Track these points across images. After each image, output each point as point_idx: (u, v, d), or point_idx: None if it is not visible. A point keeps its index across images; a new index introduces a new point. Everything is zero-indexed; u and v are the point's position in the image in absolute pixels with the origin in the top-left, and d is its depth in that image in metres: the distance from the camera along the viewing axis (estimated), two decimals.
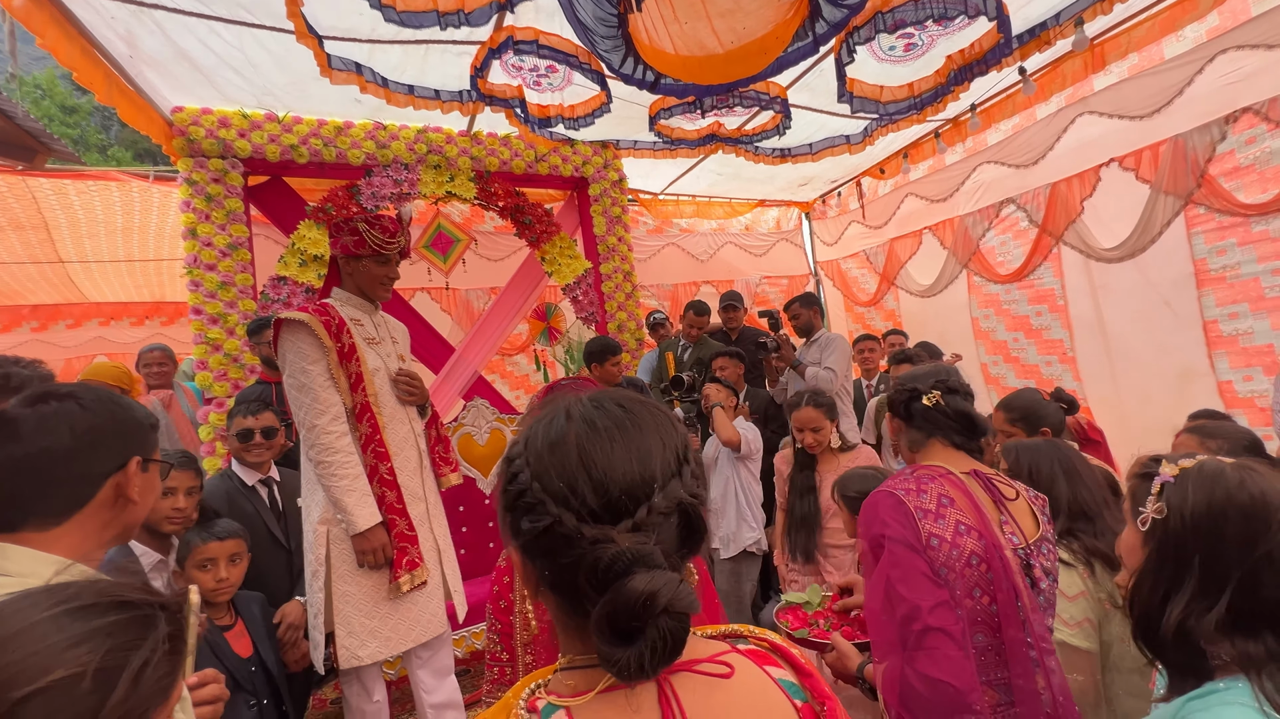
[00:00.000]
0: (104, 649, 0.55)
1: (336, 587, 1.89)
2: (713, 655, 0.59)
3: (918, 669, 1.05)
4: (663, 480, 0.55)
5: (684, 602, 0.50)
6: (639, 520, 0.52)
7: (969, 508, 1.21)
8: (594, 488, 0.53)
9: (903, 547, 1.13)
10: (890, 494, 1.21)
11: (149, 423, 1.02)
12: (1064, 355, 4.36)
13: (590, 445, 0.55)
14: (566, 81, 3.42)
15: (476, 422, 3.49)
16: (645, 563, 0.51)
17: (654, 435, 0.57)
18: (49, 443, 0.90)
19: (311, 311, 1.97)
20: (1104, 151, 3.86)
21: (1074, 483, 1.69)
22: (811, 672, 0.62)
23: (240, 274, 3.46)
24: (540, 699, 0.56)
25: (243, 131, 3.50)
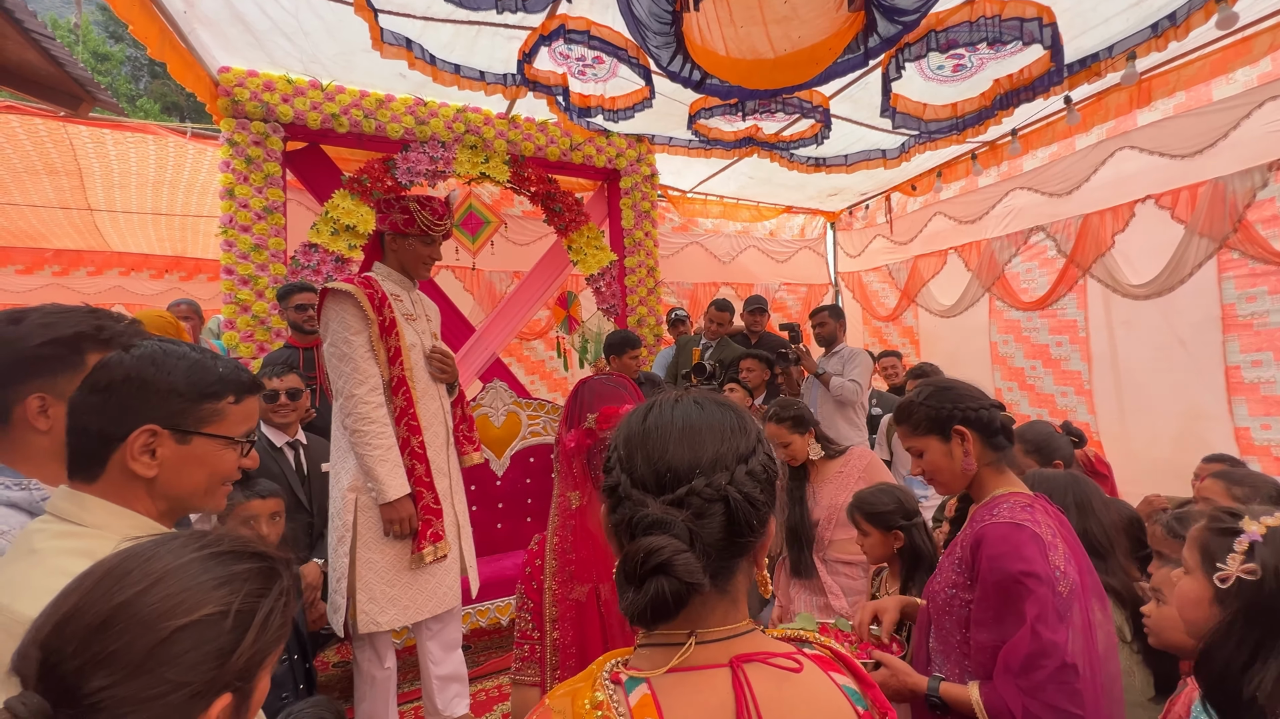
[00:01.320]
0: (243, 592, 0.60)
1: (361, 553, 1.93)
2: (786, 653, 0.62)
3: (1046, 701, 1.09)
4: (710, 469, 0.60)
5: (683, 568, 0.56)
6: (677, 497, 0.59)
7: (1066, 536, 1.22)
8: (647, 460, 0.62)
9: (1045, 586, 1.12)
10: (1025, 528, 1.18)
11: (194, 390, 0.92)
12: (1080, 387, 4.37)
13: (657, 426, 0.64)
14: (612, 73, 3.43)
15: (494, 403, 3.52)
16: (661, 528, 0.57)
17: (716, 430, 0.64)
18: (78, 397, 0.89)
19: (357, 283, 2.00)
20: (1141, 188, 3.85)
21: (1085, 517, 1.72)
22: (873, 683, 0.66)
23: (273, 238, 3.49)
24: (622, 673, 0.61)
25: (286, 96, 3.52)
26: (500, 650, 3.05)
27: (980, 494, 1.34)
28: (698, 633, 0.60)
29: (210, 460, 0.95)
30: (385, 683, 2.08)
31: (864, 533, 1.92)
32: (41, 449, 1.03)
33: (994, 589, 1.17)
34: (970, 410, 1.32)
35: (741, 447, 0.63)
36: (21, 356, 1.00)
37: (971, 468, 1.31)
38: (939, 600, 1.31)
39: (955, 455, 1.32)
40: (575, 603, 1.07)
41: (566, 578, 1.10)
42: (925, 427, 1.35)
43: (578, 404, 1.18)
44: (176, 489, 0.93)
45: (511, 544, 3.44)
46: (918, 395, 1.38)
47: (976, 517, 1.30)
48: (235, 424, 0.97)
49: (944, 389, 1.37)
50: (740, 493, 0.60)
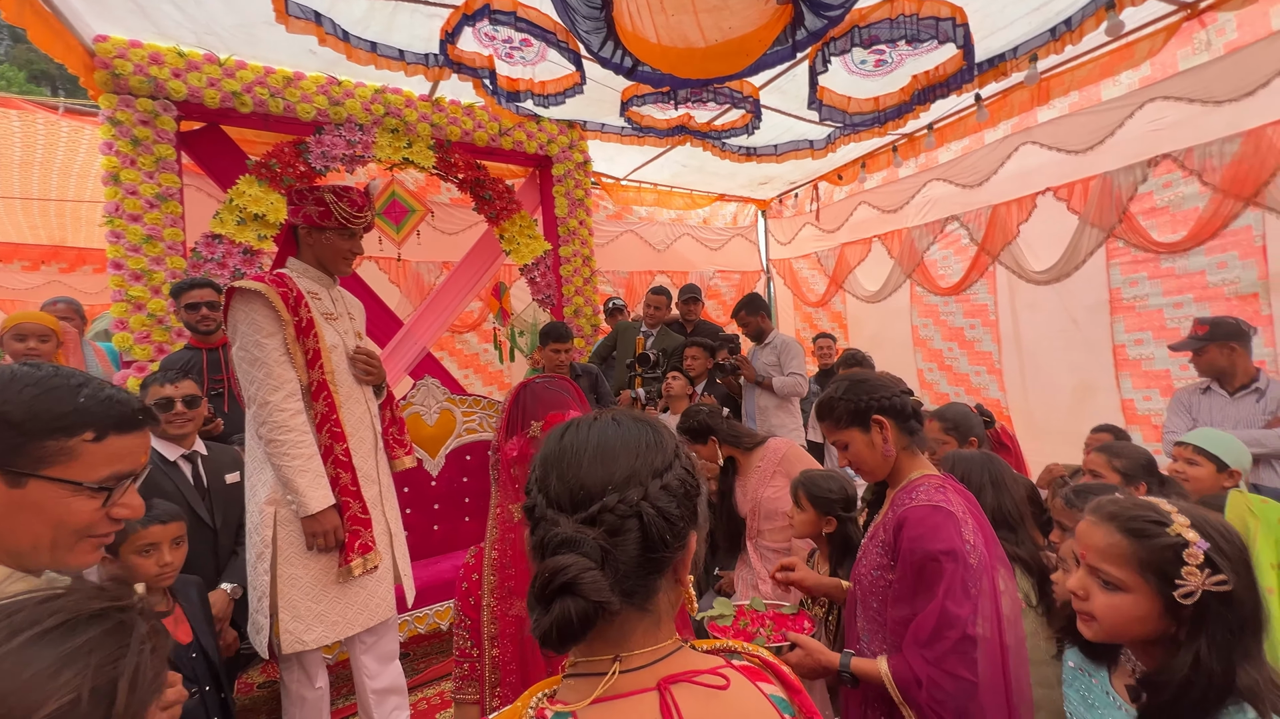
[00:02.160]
0: (91, 667, 0.52)
1: (282, 569, 1.81)
2: (711, 669, 0.62)
3: (948, 669, 1.17)
4: (623, 485, 0.60)
5: (589, 587, 0.55)
6: (590, 515, 0.58)
7: (974, 511, 1.30)
8: (561, 480, 0.61)
9: (958, 563, 1.19)
10: (941, 509, 1.25)
11: (33, 422, 0.77)
12: (992, 367, 4.70)
13: (572, 445, 0.63)
14: (540, 57, 3.32)
15: (426, 401, 3.39)
16: (571, 547, 0.57)
17: (631, 446, 0.63)
18: None
19: (268, 282, 1.85)
20: (1042, 180, 4.15)
21: (1000, 493, 1.88)
22: (800, 689, 0.66)
23: (169, 228, 3.18)
24: (548, 710, 0.59)
25: (178, 71, 3.19)
26: (442, 656, 2.96)
27: (897, 478, 1.41)
28: (622, 658, 0.59)
29: (52, 510, 0.78)
30: (317, 703, 1.97)
31: (800, 507, 2.00)
32: None
33: (913, 568, 1.24)
34: (885, 399, 1.39)
35: (657, 462, 0.63)
36: None
37: (892, 454, 1.39)
38: (865, 583, 1.38)
39: (876, 444, 1.39)
40: (516, 619, 1.04)
41: (506, 593, 1.06)
42: (846, 420, 1.41)
43: (518, 410, 1.14)
44: (11, 543, 0.78)
45: (449, 546, 3.34)
46: (836, 392, 1.44)
47: (897, 500, 1.36)
48: (92, 467, 0.80)
49: (859, 382, 1.43)
50: (654, 508, 0.59)
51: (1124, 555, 0.96)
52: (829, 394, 1.46)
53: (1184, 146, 3.35)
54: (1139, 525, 0.96)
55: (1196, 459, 1.98)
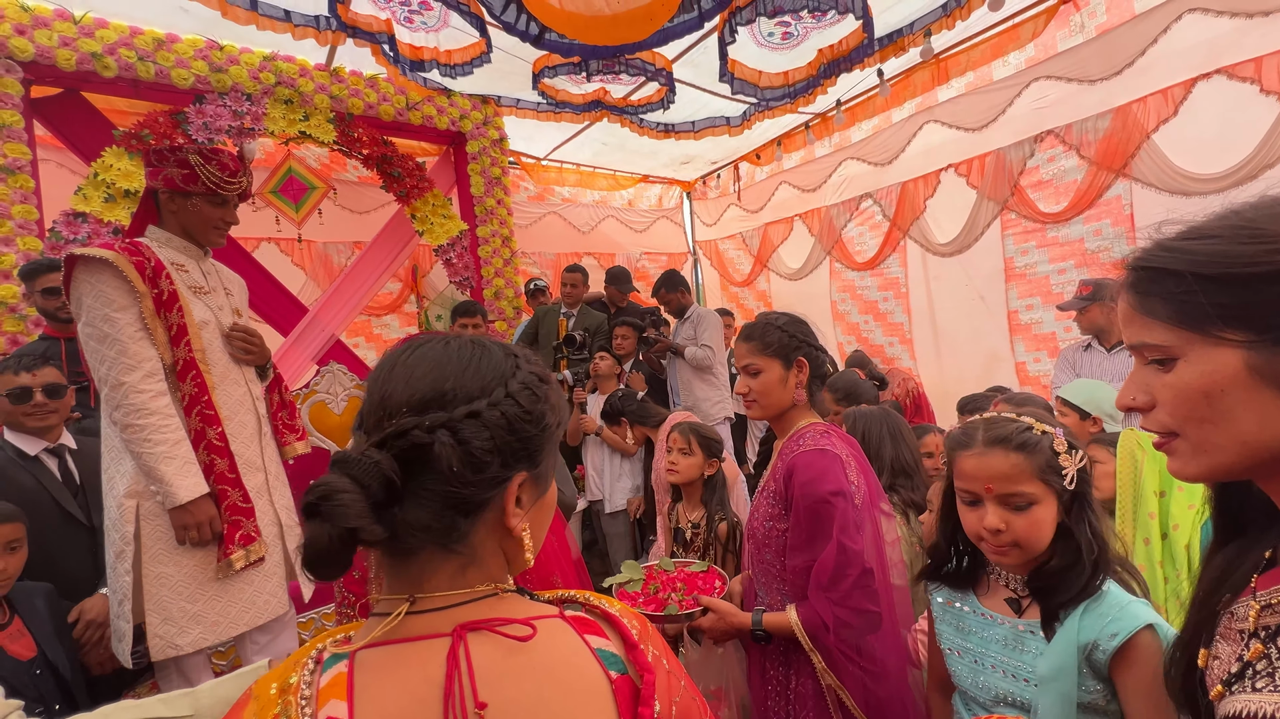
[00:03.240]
0: None
1: (149, 568, 1.64)
2: (525, 618, 0.57)
3: (853, 606, 1.20)
4: (422, 407, 0.54)
5: (341, 511, 0.49)
6: (379, 438, 0.53)
7: (856, 455, 1.34)
8: (369, 395, 0.58)
9: (847, 501, 1.22)
10: (828, 452, 1.28)
11: None
12: (904, 337, 4.92)
13: (389, 360, 0.59)
14: (443, 22, 3.16)
15: (332, 388, 3.19)
16: (344, 467, 0.51)
17: (448, 367, 0.57)
18: None
19: (118, 250, 1.66)
20: (944, 157, 4.35)
21: (898, 445, 2.00)
22: (636, 644, 0.60)
23: (19, 205, 2.83)
24: (329, 650, 0.54)
25: (22, 28, 2.83)
26: None
27: (786, 427, 1.43)
28: (417, 599, 0.54)
29: None
30: None
31: (689, 452, 2.10)
32: None
33: (806, 513, 1.26)
34: (813, 348, 1.42)
35: (472, 386, 0.56)
36: None
37: (801, 398, 1.40)
38: (759, 535, 1.39)
39: (789, 384, 1.39)
40: None
41: None
42: (775, 349, 1.39)
43: None
44: None
45: None
46: (775, 319, 1.43)
47: (785, 449, 1.37)
48: None
49: (799, 321, 1.45)
50: (454, 438, 0.53)
51: (1026, 471, 0.99)
52: (766, 319, 1.45)
53: (1064, 123, 3.59)
54: (1023, 438, 1.01)
55: (1065, 410, 2.13)
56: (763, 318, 1.46)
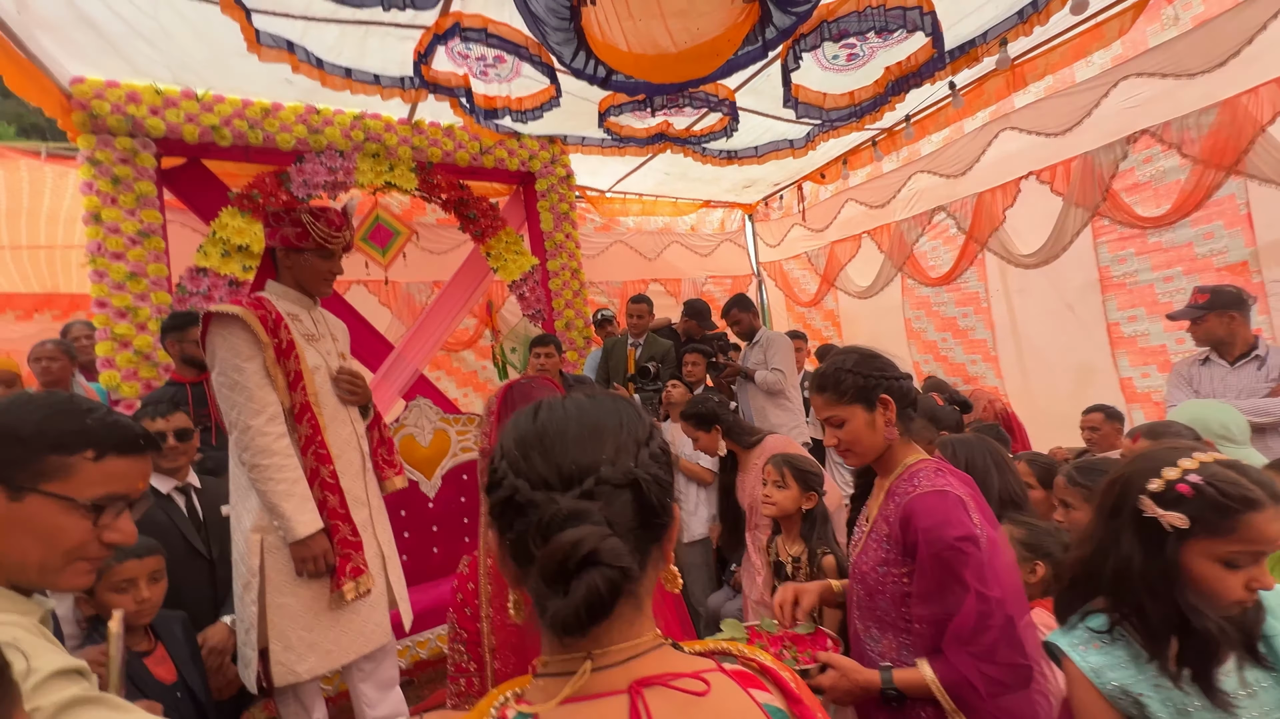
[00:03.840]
0: None
1: (271, 599, 1.77)
2: (694, 672, 0.57)
3: (1001, 661, 1.10)
4: (614, 456, 0.57)
5: (611, 553, 0.52)
6: (586, 489, 0.55)
7: (972, 493, 1.24)
8: (544, 459, 0.57)
9: (975, 545, 1.13)
10: (949, 493, 1.19)
11: (40, 438, 0.80)
12: (987, 354, 4.67)
13: (548, 423, 0.60)
14: (515, 73, 3.34)
15: (419, 422, 3.35)
16: (579, 519, 0.53)
17: (612, 419, 0.61)
18: None
19: (245, 305, 1.83)
20: (1023, 165, 4.15)
21: (1002, 473, 1.88)
22: (799, 698, 0.61)
23: (153, 264, 3.17)
24: (510, 709, 0.56)
25: (155, 109, 3.21)
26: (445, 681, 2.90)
27: (890, 465, 1.34)
28: (595, 655, 0.55)
29: (44, 526, 0.79)
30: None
31: (784, 484, 2.05)
32: None
33: (933, 561, 1.16)
34: (894, 380, 1.32)
35: (639, 432, 0.61)
36: None
37: (894, 437, 1.31)
38: (870, 581, 1.30)
39: (878, 425, 1.30)
40: (516, 629, 1.00)
41: (504, 603, 1.02)
42: (852, 395, 1.31)
43: (508, 409, 1.11)
44: (3, 557, 0.78)
45: (449, 568, 3.28)
46: (843, 363, 1.34)
47: (896, 490, 1.29)
48: (87, 485, 0.81)
49: (870, 357, 1.35)
50: (648, 474, 0.57)
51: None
52: (835, 364, 1.35)
53: (1160, 121, 3.36)
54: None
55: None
56: (831, 363, 1.37)
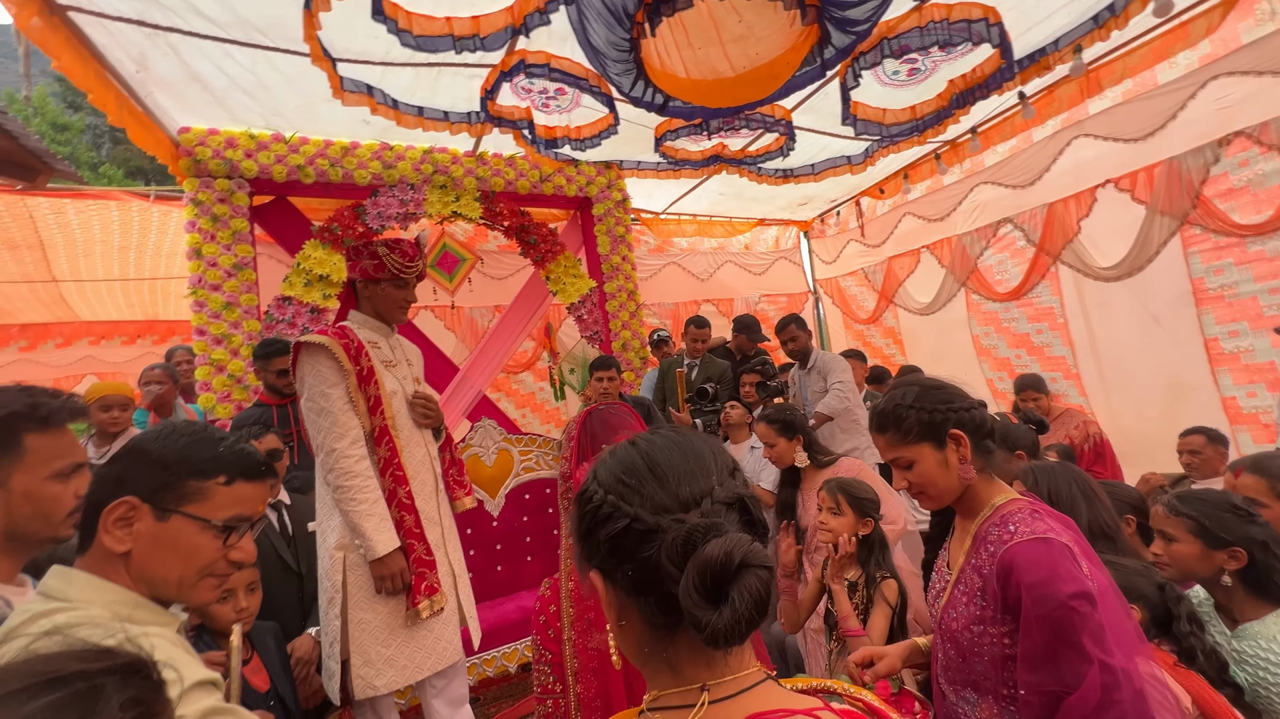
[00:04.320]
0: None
1: (353, 614, 1.85)
2: (808, 709, 0.57)
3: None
4: (720, 478, 0.61)
5: (759, 555, 0.54)
6: (704, 510, 0.57)
7: (1074, 536, 1.08)
8: (662, 486, 0.59)
9: (1091, 604, 0.98)
10: (1053, 541, 1.03)
11: (182, 464, 0.88)
12: (1068, 372, 4.41)
13: (655, 455, 0.62)
14: (575, 103, 3.45)
15: (484, 442, 3.45)
16: (718, 531, 0.55)
17: (705, 447, 0.65)
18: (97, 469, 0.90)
19: (331, 334, 1.95)
20: (1100, 173, 3.94)
21: (1091, 504, 1.74)
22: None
23: (245, 294, 3.43)
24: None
25: (249, 152, 3.49)
26: (511, 699, 2.93)
27: (973, 506, 1.19)
28: (709, 686, 0.56)
29: (184, 545, 0.87)
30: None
31: (838, 511, 1.99)
32: None
33: (1041, 622, 1.01)
34: (964, 411, 1.18)
35: (728, 459, 0.65)
36: None
37: (971, 476, 1.16)
38: (962, 641, 1.15)
39: (951, 463, 1.16)
40: (596, 652, 1.02)
41: (585, 626, 1.04)
42: (918, 433, 1.18)
43: (587, 436, 1.14)
44: (149, 572, 0.87)
45: (513, 587, 3.34)
46: (903, 398, 1.21)
47: (986, 535, 1.13)
48: (220, 507, 0.90)
49: (933, 389, 1.21)
50: (748, 494, 0.61)
51: None
52: (893, 400, 1.23)
53: (1258, 121, 3.13)
54: None
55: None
56: (890, 399, 1.24)
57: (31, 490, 0.95)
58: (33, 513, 0.95)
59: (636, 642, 0.60)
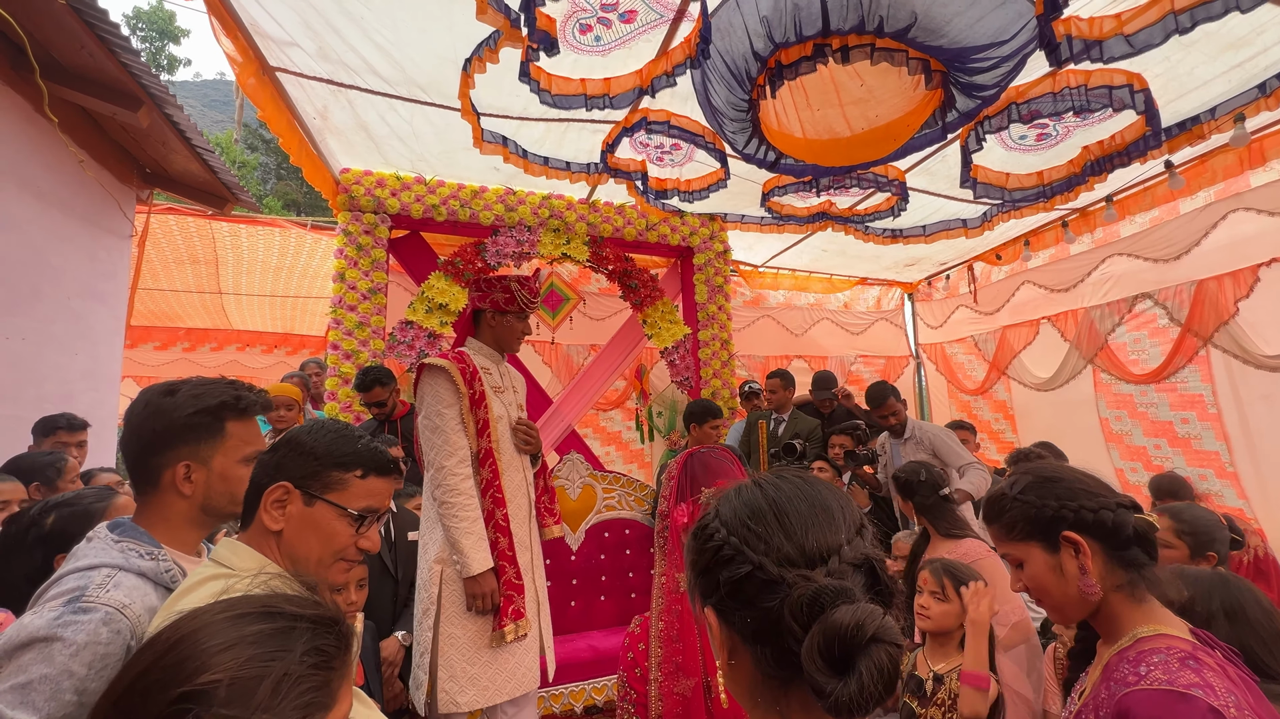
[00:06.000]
0: (242, 659, 0.54)
1: (444, 628, 1.92)
2: None
3: None
4: (849, 535, 0.59)
5: (891, 631, 0.52)
6: (832, 569, 0.56)
7: (1249, 701, 0.85)
8: (788, 537, 0.58)
9: None
10: (1195, 700, 0.82)
11: (329, 456, 0.98)
12: (1222, 469, 3.87)
13: (783, 503, 0.61)
14: (688, 158, 3.61)
15: (571, 475, 3.53)
16: (847, 597, 0.53)
17: (833, 499, 0.62)
18: (261, 456, 1.04)
19: (451, 358, 2.11)
20: (1264, 251, 3.55)
21: (1238, 627, 1.41)
22: None
23: (375, 316, 3.79)
24: None
25: (394, 191, 3.92)
26: None
27: (1113, 631, 0.99)
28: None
29: (325, 529, 0.98)
30: None
31: (943, 597, 1.84)
32: (180, 513, 1.11)
33: None
34: (1087, 511, 0.98)
35: (857, 515, 0.62)
36: (173, 425, 1.09)
37: (1093, 591, 0.96)
38: None
39: (1068, 572, 0.98)
40: (680, 698, 1.00)
41: (673, 669, 1.03)
42: (1022, 529, 1.02)
43: (687, 478, 1.16)
44: (295, 551, 0.97)
45: (585, 624, 3.32)
46: (1012, 487, 1.07)
47: (1114, 669, 0.94)
48: (355, 498, 1.00)
49: (1047, 480, 1.04)
50: (877, 555, 0.59)
51: None
52: (1002, 488, 1.10)
53: None
54: None
55: None
56: (999, 487, 1.10)
57: (227, 471, 1.10)
58: (224, 491, 1.09)
59: (749, 687, 0.59)
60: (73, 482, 2.17)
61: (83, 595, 0.92)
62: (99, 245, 3.48)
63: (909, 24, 2.14)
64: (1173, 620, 0.97)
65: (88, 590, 0.92)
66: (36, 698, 0.83)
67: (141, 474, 1.09)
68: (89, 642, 0.87)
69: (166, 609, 0.90)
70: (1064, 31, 2.29)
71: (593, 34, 2.62)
